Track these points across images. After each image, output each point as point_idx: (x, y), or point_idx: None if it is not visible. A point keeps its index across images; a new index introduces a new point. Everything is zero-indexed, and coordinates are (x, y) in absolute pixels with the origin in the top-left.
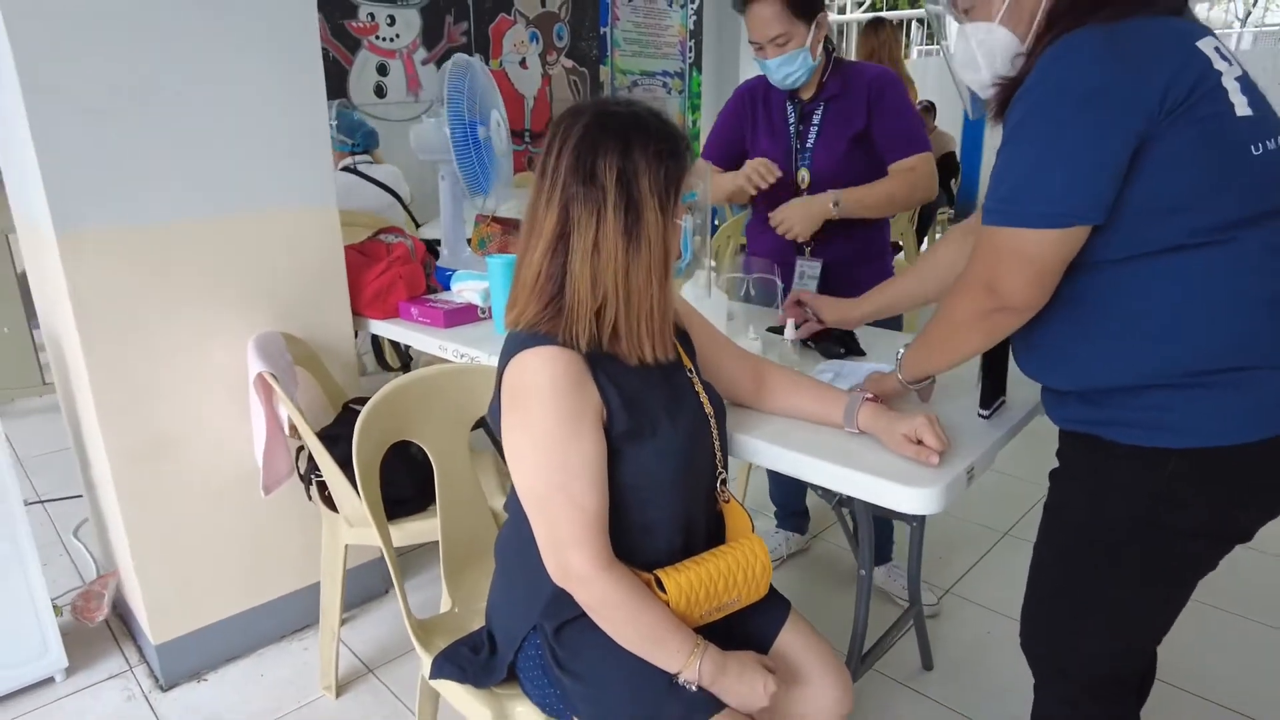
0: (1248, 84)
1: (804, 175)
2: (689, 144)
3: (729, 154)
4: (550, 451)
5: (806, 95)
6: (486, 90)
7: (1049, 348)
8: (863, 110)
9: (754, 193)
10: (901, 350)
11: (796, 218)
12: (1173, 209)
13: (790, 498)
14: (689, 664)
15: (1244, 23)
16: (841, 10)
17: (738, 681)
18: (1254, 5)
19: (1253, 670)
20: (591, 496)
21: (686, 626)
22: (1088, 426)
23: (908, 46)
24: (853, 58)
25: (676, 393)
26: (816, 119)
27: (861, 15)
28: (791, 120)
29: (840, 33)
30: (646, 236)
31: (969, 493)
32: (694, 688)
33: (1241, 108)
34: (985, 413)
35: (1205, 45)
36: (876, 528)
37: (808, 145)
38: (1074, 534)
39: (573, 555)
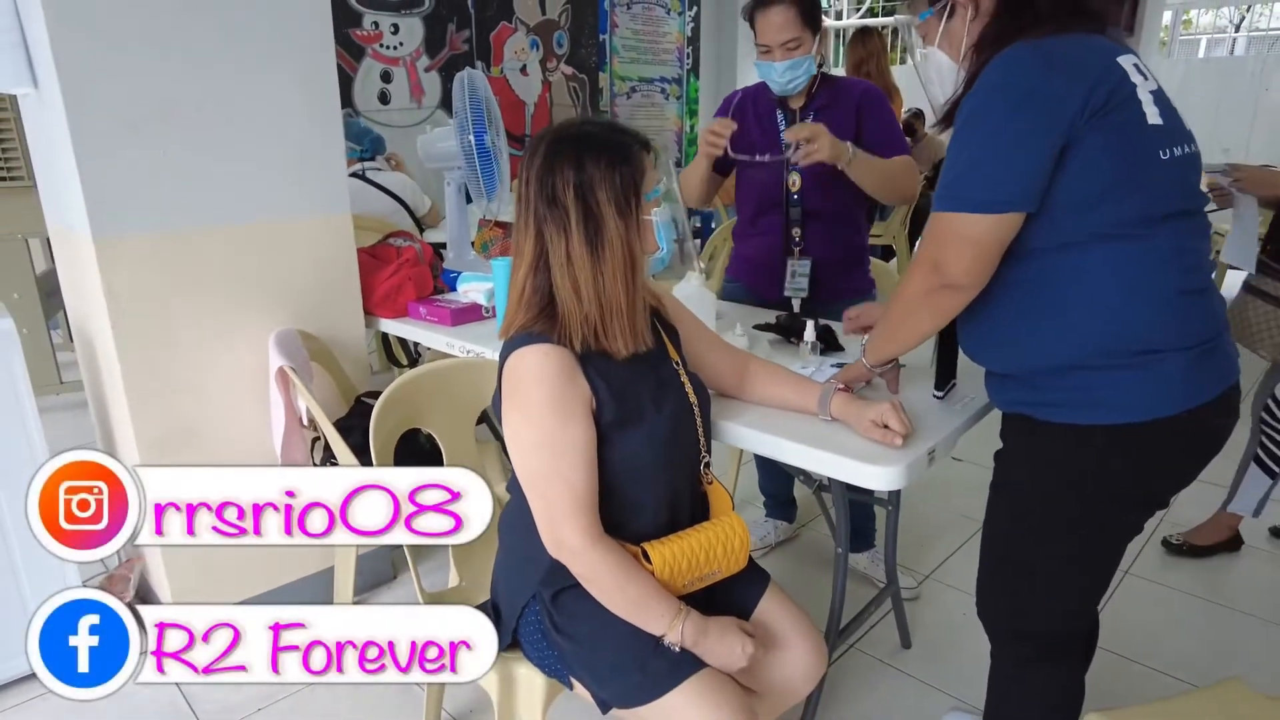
0: (1161, 97)
1: (795, 179)
2: (645, 144)
3: (723, 165)
4: (544, 435)
5: (797, 105)
6: (491, 102)
7: (989, 330)
8: (852, 123)
9: (718, 154)
10: (866, 338)
11: (828, 137)
12: (1092, 203)
13: (779, 488)
14: (673, 627)
15: (1238, 28)
16: (838, 16)
17: (718, 643)
18: (1247, 10)
19: (1198, 643)
20: (581, 477)
21: (671, 594)
22: (1024, 408)
23: (902, 52)
24: (841, 66)
25: (662, 383)
26: None
27: (856, 21)
28: (783, 127)
29: (838, 36)
30: (610, 242)
31: (949, 484)
32: (678, 649)
33: (1153, 117)
34: (939, 394)
35: (1125, 61)
36: (858, 515)
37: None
38: (1017, 508)
39: (565, 530)
